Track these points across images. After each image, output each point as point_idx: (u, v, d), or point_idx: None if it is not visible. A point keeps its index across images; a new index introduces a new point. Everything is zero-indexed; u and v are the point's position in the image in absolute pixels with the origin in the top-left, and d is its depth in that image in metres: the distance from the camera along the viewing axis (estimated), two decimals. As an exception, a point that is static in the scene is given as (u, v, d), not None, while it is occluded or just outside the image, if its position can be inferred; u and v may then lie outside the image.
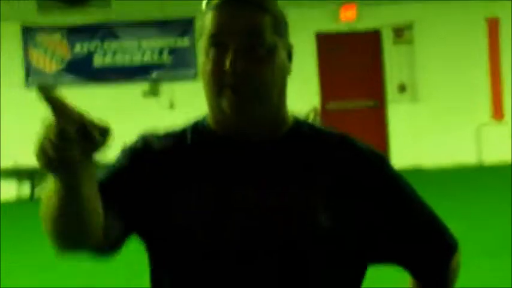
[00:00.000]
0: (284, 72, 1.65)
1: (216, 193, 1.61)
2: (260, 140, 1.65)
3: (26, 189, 13.09)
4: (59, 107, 1.42)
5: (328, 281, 1.62)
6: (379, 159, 1.72)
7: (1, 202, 12.69)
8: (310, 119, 13.81)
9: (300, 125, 1.70)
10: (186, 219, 1.60)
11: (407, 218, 1.71)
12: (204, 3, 1.64)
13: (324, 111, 14.07)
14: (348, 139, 1.73)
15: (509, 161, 13.38)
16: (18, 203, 12.92)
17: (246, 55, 1.57)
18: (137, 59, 13.52)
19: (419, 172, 13.73)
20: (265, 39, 1.59)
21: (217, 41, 1.58)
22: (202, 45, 1.63)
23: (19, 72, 13.34)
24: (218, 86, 1.59)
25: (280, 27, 1.64)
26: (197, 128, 1.70)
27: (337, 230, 1.61)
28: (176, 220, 1.61)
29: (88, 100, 13.14)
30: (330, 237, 1.60)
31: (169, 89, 13.53)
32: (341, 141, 1.71)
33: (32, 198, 12.81)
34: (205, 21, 1.62)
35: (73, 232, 1.49)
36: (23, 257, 8.14)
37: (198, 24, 1.70)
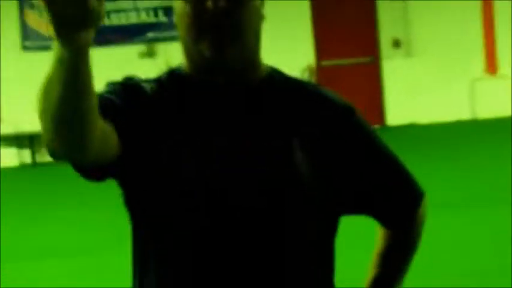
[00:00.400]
0: (259, 17, 1.68)
1: (197, 138, 1.63)
2: (238, 84, 1.67)
3: (27, 155, 13.02)
4: None
5: (304, 225, 1.65)
6: (350, 110, 1.73)
7: (2, 168, 12.68)
8: (306, 77, 13.83)
9: (274, 73, 1.73)
10: (171, 163, 1.61)
11: (376, 168, 1.75)
12: None
13: (319, 68, 14.05)
14: (320, 90, 1.76)
15: (503, 115, 13.40)
16: (20, 169, 12.88)
17: None
18: (133, 19, 13.44)
19: (413, 127, 13.77)
20: None
21: None
22: None
23: (16, 35, 13.26)
24: (199, 27, 1.60)
25: None
26: (174, 76, 1.70)
27: (314, 174, 1.64)
28: (161, 164, 1.62)
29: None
30: (306, 180, 1.64)
31: (165, 50, 13.49)
32: (314, 91, 1.74)
33: (35, 165, 12.79)
34: None
35: (73, 130, 1.45)
36: (25, 222, 8.18)
37: None
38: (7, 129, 13.03)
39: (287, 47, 13.68)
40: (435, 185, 8.48)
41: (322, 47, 14.07)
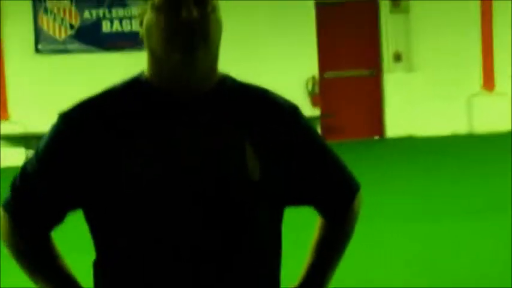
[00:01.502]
0: (221, 30, 1.81)
1: (157, 145, 1.74)
2: (195, 92, 1.79)
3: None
4: None
5: (255, 214, 1.79)
6: (293, 111, 1.88)
7: (11, 167, 12.69)
8: (309, 87, 13.84)
9: (227, 79, 1.86)
10: (135, 173, 1.73)
11: (317, 165, 1.89)
12: None
13: (322, 79, 14.06)
14: (268, 93, 1.89)
15: (499, 130, 13.40)
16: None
17: (198, 8, 1.73)
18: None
19: (412, 140, 13.76)
20: None
21: None
22: (149, 3, 1.76)
23: (29, 38, 13.28)
24: (172, 36, 1.73)
25: None
26: (134, 84, 1.83)
27: (263, 171, 1.78)
28: (125, 172, 1.74)
29: (96, 67, 13.17)
30: (257, 176, 1.77)
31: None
32: (262, 95, 1.88)
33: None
34: None
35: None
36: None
37: None
38: (16, 129, 13.03)
39: (292, 58, 13.69)
40: (432, 196, 8.51)
41: (325, 59, 14.08)
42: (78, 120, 1.78)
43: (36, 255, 1.84)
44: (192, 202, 1.74)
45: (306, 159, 1.87)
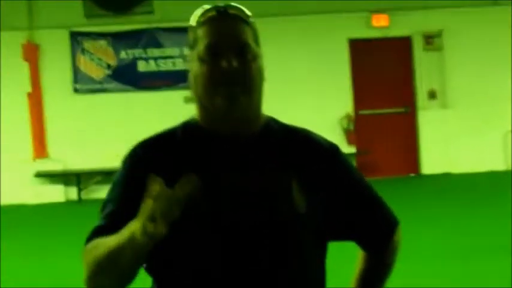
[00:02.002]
0: (263, 76, 1.94)
1: (209, 182, 1.82)
2: (243, 134, 1.90)
3: (73, 192, 13.09)
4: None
5: (301, 249, 1.88)
6: (335, 150, 1.99)
7: (51, 203, 12.78)
8: (344, 124, 13.82)
9: (272, 122, 1.98)
10: (189, 206, 1.74)
11: (359, 200, 1.99)
12: (192, 20, 1.91)
13: (357, 116, 14.03)
14: (310, 134, 2.00)
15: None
16: (67, 205, 12.91)
17: (238, 58, 1.85)
18: (179, 65, 13.57)
19: (448, 177, 13.64)
20: (251, 46, 1.89)
21: (215, 49, 1.85)
22: (195, 54, 1.87)
23: (67, 78, 13.45)
24: (215, 85, 1.84)
25: (258, 39, 1.95)
26: (188, 127, 1.94)
27: (308, 209, 1.87)
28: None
29: (133, 105, 13.29)
30: (303, 214, 1.86)
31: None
32: (305, 136, 1.99)
33: (80, 201, 12.86)
34: (199, 34, 1.88)
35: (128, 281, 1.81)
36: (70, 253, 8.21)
37: (189, 37, 1.93)
38: (55, 166, 13.15)
39: (327, 95, 13.70)
40: (470, 233, 8.40)
41: (360, 97, 14.06)
42: (147, 154, 1.90)
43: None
44: (242, 237, 1.83)
45: (347, 196, 1.96)
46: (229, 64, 1.83)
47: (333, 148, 1.99)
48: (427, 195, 11.91)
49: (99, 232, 1.85)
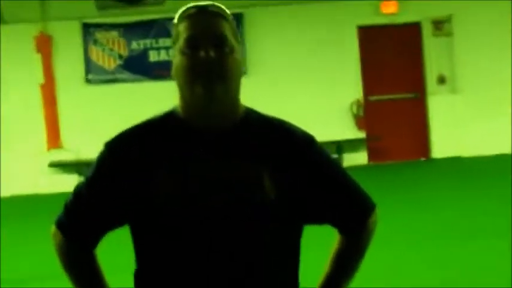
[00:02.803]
0: (241, 70, 2.01)
1: (183, 169, 1.95)
2: (218, 124, 1.99)
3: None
4: None
5: (273, 236, 1.97)
6: (310, 141, 2.07)
7: (64, 193, 12.86)
8: (354, 110, 13.80)
9: (249, 113, 2.06)
10: (164, 193, 1.94)
11: (334, 187, 2.07)
12: (176, 17, 2.02)
13: (367, 102, 14.01)
14: (285, 124, 2.07)
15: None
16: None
17: (215, 50, 1.95)
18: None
19: (458, 161, 13.62)
20: (228, 39, 1.98)
21: (193, 42, 1.96)
22: (176, 48, 2.00)
23: (80, 69, 13.49)
24: (194, 75, 1.94)
25: (236, 34, 2.03)
26: (168, 118, 2.04)
27: (280, 196, 1.96)
28: (156, 194, 1.94)
29: (144, 95, 13.31)
30: (273, 202, 1.95)
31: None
32: (281, 127, 2.06)
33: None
34: (180, 29, 1.99)
35: None
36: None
37: (173, 32, 2.04)
38: (69, 156, 13.22)
39: (337, 82, 13.68)
40: (480, 213, 8.40)
41: (369, 83, 14.04)
42: (118, 149, 2.02)
43: (82, 267, 2.09)
44: (213, 223, 1.92)
45: (322, 182, 2.05)
46: (207, 54, 1.93)
47: (308, 138, 2.07)
48: (437, 178, 11.90)
49: (71, 217, 2.07)
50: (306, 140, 2.07)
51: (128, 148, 2.00)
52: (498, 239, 7.12)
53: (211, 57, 1.93)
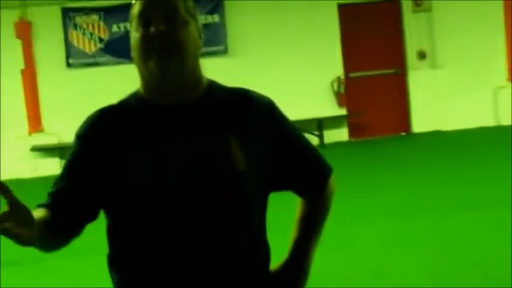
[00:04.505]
0: (197, 44, 2.00)
1: (153, 148, 1.96)
2: (181, 100, 2.00)
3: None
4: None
5: (244, 207, 1.99)
6: (270, 105, 2.09)
7: (48, 176, 12.81)
8: (335, 87, 13.80)
9: (212, 86, 2.06)
10: (135, 173, 1.94)
11: (292, 150, 2.11)
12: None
13: (348, 79, 14.02)
14: (247, 92, 2.09)
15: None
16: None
17: (166, 24, 1.95)
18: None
19: (439, 134, 13.68)
20: (180, 13, 1.97)
21: (144, 18, 1.96)
22: (132, 28, 2.00)
23: (60, 53, 13.41)
24: (147, 50, 1.95)
25: (191, 11, 2.01)
26: (131, 99, 2.05)
27: (248, 165, 1.97)
28: (131, 175, 1.95)
29: (126, 78, 13.23)
30: (244, 172, 1.96)
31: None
32: (242, 95, 2.07)
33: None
34: (134, 9, 2.01)
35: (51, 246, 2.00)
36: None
37: (130, 12, 2.04)
38: (51, 140, 13.16)
39: (317, 59, 13.67)
40: (459, 187, 8.46)
41: (350, 59, 14.04)
42: (87, 135, 2.02)
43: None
44: (187, 195, 1.93)
45: (283, 147, 2.08)
46: (157, 29, 1.94)
47: (269, 103, 2.09)
48: (419, 153, 11.95)
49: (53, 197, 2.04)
50: (268, 104, 2.09)
51: (94, 133, 2.01)
52: (485, 210, 7.18)
53: (161, 32, 1.94)
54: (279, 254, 2.22)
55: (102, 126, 2.02)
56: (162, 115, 1.99)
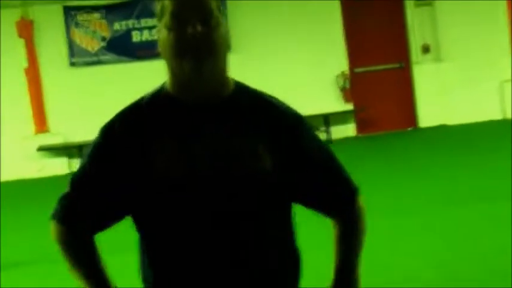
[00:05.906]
0: (227, 43, 2.01)
1: (181, 147, 1.96)
2: (209, 99, 2.00)
3: (76, 164, 13.13)
4: None
5: (265, 207, 2.00)
6: (299, 120, 2.08)
7: (55, 176, 12.83)
8: (340, 83, 13.79)
9: (239, 87, 2.07)
10: (164, 169, 1.96)
11: (315, 170, 2.08)
12: None
13: (353, 74, 14.01)
14: (276, 101, 2.08)
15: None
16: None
17: (202, 25, 1.94)
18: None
19: (445, 129, 13.66)
20: (214, 13, 1.96)
21: (180, 17, 1.94)
22: (162, 24, 1.98)
23: (63, 52, 13.42)
24: (183, 50, 1.94)
25: (220, 7, 2.01)
26: (159, 95, 2.05)
27: (274, 169, 1.99)
28: (157, 172, 1.96)
29: (129, 76, 13.25)
30: (269, 173, 1.98)
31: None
32: (271, 103, 2.07)
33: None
34: (165, 4, 1.98)
35: None
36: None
37: (157, 7, 2.02)
38: (57, 140, 13.17)
39: (321, 55, 13.66)
40: (466, 180, 8.46)
41: (354, 54, 14.04)
42: (113, 132, 2.01)
43: (81, 254, 2.06)
44: (217, 192, 1.95)
45: (307, 163, 2.06)
46: (195, 29, 1.93)
47: (297, 117, 2.08)
48: (426, 148, 11.94)
49: (68, 206, 2.04)
50: (297, 118, 2.08)
51: (121, 131, 2.00)
52: (492, 204, 7.19)
53: (198, 33, 1.93)
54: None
55: (127, 125, 2.02)
56: (191, 114, 2.00)
